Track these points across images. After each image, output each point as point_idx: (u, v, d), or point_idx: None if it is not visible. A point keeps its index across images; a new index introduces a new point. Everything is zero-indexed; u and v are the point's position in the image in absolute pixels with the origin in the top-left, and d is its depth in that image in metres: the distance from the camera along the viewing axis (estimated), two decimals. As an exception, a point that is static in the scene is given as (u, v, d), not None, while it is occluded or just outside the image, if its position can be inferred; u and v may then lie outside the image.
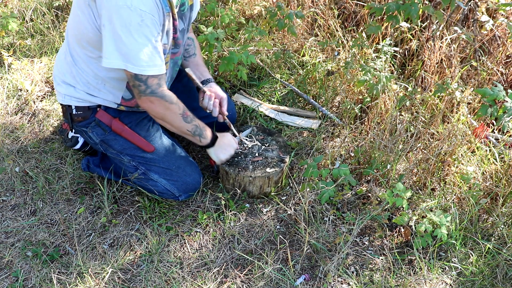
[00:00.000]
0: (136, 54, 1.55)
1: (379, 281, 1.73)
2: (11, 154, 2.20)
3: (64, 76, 1.85)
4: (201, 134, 1.84)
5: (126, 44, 1.53)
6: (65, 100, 1.88)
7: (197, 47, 2.10)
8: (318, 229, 1.90)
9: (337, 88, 2.49)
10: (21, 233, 1.89)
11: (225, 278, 1.74)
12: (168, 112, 1.74)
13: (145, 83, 1.63)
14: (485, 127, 2.13)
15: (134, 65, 1.57)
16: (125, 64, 1.57)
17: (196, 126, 1.82)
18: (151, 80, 1.63)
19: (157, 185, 1.92)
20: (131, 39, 1.52)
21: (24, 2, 3.13)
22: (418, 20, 2.33)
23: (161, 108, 1.72)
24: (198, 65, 2.08)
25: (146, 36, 1.54)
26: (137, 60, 1.56)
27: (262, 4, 2.98)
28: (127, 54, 1.55)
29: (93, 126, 1.89)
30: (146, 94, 1.66)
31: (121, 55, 1.55)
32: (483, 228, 1.89)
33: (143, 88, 1.64)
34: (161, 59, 1.62)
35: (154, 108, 1.72)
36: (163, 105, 1.71)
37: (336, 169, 1.87)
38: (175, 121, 1.78)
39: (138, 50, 1.54)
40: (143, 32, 1.52)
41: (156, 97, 1.68)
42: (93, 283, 1.70)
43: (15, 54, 2.76)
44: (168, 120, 1.77)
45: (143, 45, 1.54)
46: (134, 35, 1.52)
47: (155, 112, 1.74)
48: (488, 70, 2.42)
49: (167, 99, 1.71)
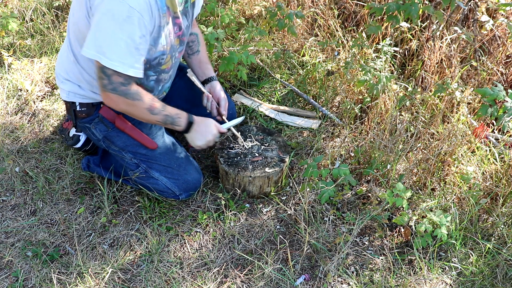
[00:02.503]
0: (110, 46, 1.52)
1: (379, 281, 1.73)
2: (11, 154, 2.20)
3: (67, 75, 1.85)
4: (173, 122, 1.79)
5: (104, 35, 1.51)
6: (69, 97, 1.89)
7: (201, 43, 2.07)
8: (318, 229, 1.90)
9: (337, 88, 2.49)
10: (21, 233, 1.89)
11: (225, 278, 1.74)
12: (132, 108, 1.70)
13: (108, 78, 1.60)
14: (485, 127, 2.13)
15: (104, 57, 1.53)
16: (99, 55, 1.53)
17: (166, 116, 1.77)
18: (116, 77, 1.59)
19: (158, 183, 1.92)
20: (111, 31, 1.50)
21: (24, 2, 3.13)
22: (418, 20, 2.33)
23: (123, 105, 1.68)
24: (201, 62, 2.06)
25: (128, 33, 1.51)
26: (109, 52, 1.53)
27: (262, 4, 2.98)
28: (102, 45, 1.52)
29: (96, 122, 1.90)
30: (108, 89, 1.62)
31: (96, 46, 1.53)
32: (483, 228, 1.89)
33: (105, 82, 1.61)
34: (138, 61, 1.58)
35: (116, 105, 1.69)
36: (126, 102, 1.67)
37: (336, 169, 1.87)
38: (141, 115, 1.74)
39: (114, 43, 1.52)
40: (125, 28, 1.50)
41: (117, 95, 1.64)
42: (93, 283, 1.70)
43: (15, 54, 2.76)
44: (133, 114, 1.75)
45: (121, 40, 1.51)
46: (115, 28, 1.49)
47: (118, 108, 1.71)
48: (488, 70, 2.42)
49: (130, 97, 1.66)
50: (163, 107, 1.77)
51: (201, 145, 1.89)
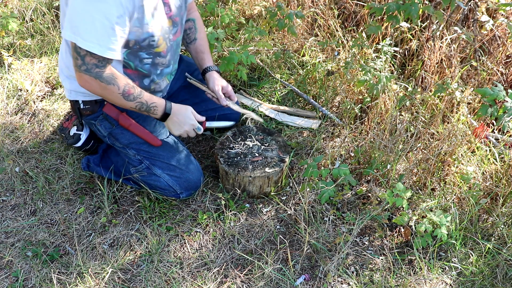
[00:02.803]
0: (85, 27, 1.50)
1: (379, 281, 1.73)
2: (11, 154, 2.20)
3: (68, 70, 1.85)
4: (149, 110, 1.78)
5: (79, 16, 1.49)
6: (71, 96, 1.89)
7: (198, 29, 2.04)
8: (318, 229, 1.90)
9: (337, 88, 2.49)
10: (21, 233, 1.89)
11: (225, 278, 1.74)
12: (105, 91, 1.67)
13: (82, 58, 1.57)
14: (485, 127, 2.13)
15: (80, 38, 1.51)
16: (75, 36, 1.51)
17: (141, 103, 1.74)
18: (89, 58, 1.57)
19: (159, 181, 1.93)
20: (86, 11, 1.48)
21: (24, 2, 3.13)
22: (418, 20, 2.33)
23: (96, 87, 1.66)
24: (198, 52, 2.04)
25: (103, 13, 1.48)
26: (85, 33, 1.50)
27: (262, 4, 2.98)
28: (77, 26, 1.50)
29: (101, 119, 1.91)
30: (81, 70, 1.60)
31: (71, 27, 1.51)
32: (483, 228, 1.89)
33: (79, 62, 1.59)
34: (113, 42, 1.55)
35: (89, 87, 1.66)
36: (99, 85, 1.64)
37: (336, 169, 1.87)
38: (115, 100, 1.72)
39: (90, 23, 1.49)
40: (101, 8, 1.47)
41: (91, 77, 1.61)
42: (93, 283, 1.70)
43: (15, 54, 2.76)
44: (106, 98, 1.73)
45: (97, 20, 1.49)
46: (91, 8, 1.47)
47: (91, 90, 1.68)
48: (488, 70, 2.42)
49: (103, 80, 1.63)
50: (140, 94, 1.73)
51: (179, 134, 1.89)
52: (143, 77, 1.83)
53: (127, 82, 1.70)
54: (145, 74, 1.82)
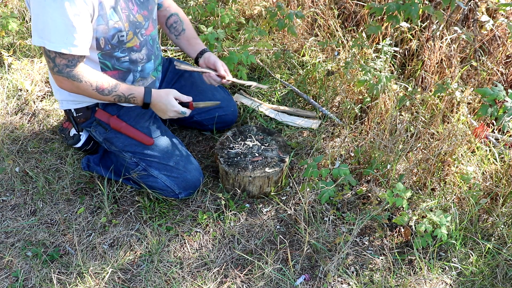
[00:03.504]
0: (49, 29, 1.53)
1: (379, 281, 1.73)
2: (11, 154, 2.20)
3: None
4: (128, 101, 1.78)
5: (41, 20, 1.52)
6: (63, 105, 1.94)
7: (184, 21, 2.06)
8: (318, 229, 1.90)
9: (337, 88, 2.49)
10: (21, 233, 1.89)
11: (225, 278, 1.74)
12: (79, 90, 1.70)
13: (53, 60, 1.61)
14: (485, 127, 2.13)
15: (45, 40, 1.54)
16: (42, 41, 1.55)
17: (118, 96, 1.75)
18: (59, 59, 1.60)
19: (157, 181, 1.93)
20: (45, 14, 1.50)
21: (24, 2, 3.13)
22: (418, 20, 2.33)
23: (71, 87, 1.69)
24: (189, 39, 2.06)
25: (61, 12, 1.51)
26: (49, 35, 1.53)
27: (262, 4, 2.98)
28: (42, 29, 1.53)
29: (95, 125, 1.94)
30: (55, 72, 1.64)
31: (37, 31, 1.54)
32: (483, 228, 1.89)
33: (51, 65, 1.62)
34: (77, 39, 1.57)
35: (65, 87, 1.69)
36: (72, 84, 1.67)
37: (336, 169, 1.87)
38: (92, 96, 1.74)
39: (51, 25, 1.52)
40: (57, 8, 1.50)
41: (63, 77, 1.65)
42: (93, 283, 1.70)
43: (15, 54, 2.76)
44: (85, 95, 1.75)
45: (57, 20, 1.51)
46: (48, 10, 1.50)
47: (67, 90, 1.72)
48: (488, 70, 2.42)
49: (75, 79, 1.65)
50: (115, 87, 1.74)
51: (164, 119, 1.92)
52: (124, 76, 1.85)
53: (100, 77, 1.71)
54: (125, 73, 1.83)
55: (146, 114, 1.97)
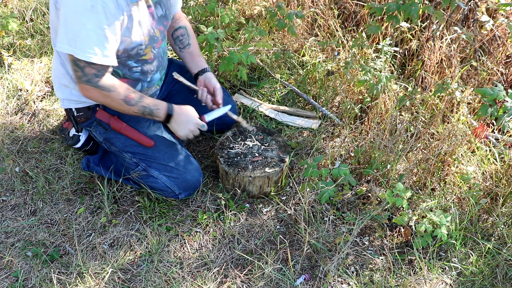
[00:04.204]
0: (81, 39, 1.54)
1: (379, 281, 1.73)
2: (11, 154, 2.20)
3: (59, 78, 1.88)
4: (151, 113, 1.81)
5: (73, 28, 1.52)
6: (64, 104, 1.94)
7: (191, 35, 2.08)
8: (318, 229, 1.90)
9: (337, 88, 2.49)
10: (21, 233, 1.89)
11: (225, 278, 1.74)
12: (107, 99, 1.72)
13: (82, 70, 1.62)
14: (485, 127, 2.13)
15: (76, 49, 1.55)
16: (72, 49, 1.55)
17: (143, 107, 1.78)
18: (89, 69, 1.61)
19: (157, 182, 1.93)
20: (78, 23, 1.51)
21: (24, 2, 3.13)
22: (418, 20, 2.33)
23: (99, 96, 1.70)
24: (193, 55, 2.07)
25: (95, 22, 1.52)
26: (81, 44, 1.55)
27: (262, 4, 2.98)
28: (73, 38, 1.54)
29: (95, 125, 1.94)
30: (83, 81, 1.65)
31: (67, 40, 1.55)
32: (483, 228, 1.89)
33: (79, 74, 1.63)
34: (109, 49, 1.59)
35: (92, 96, 1.71)
36: (101, 94, 1.69)
37: (336, 169, 1.87)
38: (117, 106, 1.76)
39: (84, 35, 1.53)
40: (91, 17, 1.51)
41: (92, 87, 1.66)
42: (93, 283, 1.70)
43: (15, 54, 2.76)
44: (109, 105, 1.77)
45: (90, 30, 1.53)
46: (82, 19, 1.51)
47: (94, 99, 1.73)
48: (488, 70, 2.42)
49: (104, 89, 1.68)
50: (140, 98, 1.77)
51: (183, 135, 1.91)
52: (132, 85, 1.87)
53: (127, 87, 1.74)
54: (134, 82, 1.85)
55: None
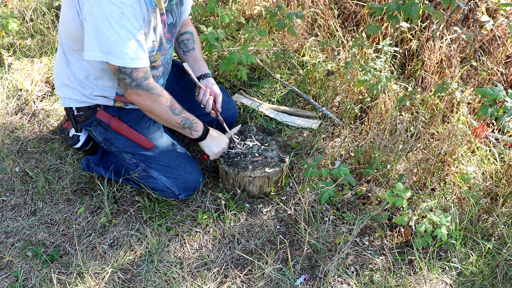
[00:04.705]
0: (119, 47, 1.54)
1: (379, 281, 1.73)
2: (11, 154, 2.20)
3: (62, 78, 1.88)
4: (191, 126, 1.84)
5: (108, 37, 1.52)
6: (65, 103, 1.93)
7: (196, 41, 2.09)
8: (318, 229, 1.90)
9: (337, 88, 2.49)
10: (21, 233, 1.89)
11: (225, 278, 1.74)
12: (155, 104, 1.73)
13: (130, 76, 1.62)
14: (485, 127, 2.13)
15: (117, 58, 1.56)
16: (107, 56, 1.56)
17: (185, 119, 1.81)
18: (136, 73, 1.62)
19: (157, 183, 1.93)
20: (112, 31, 1.51)
21: (24, 2, 3.13)
22: (418, 20, 2.33)
23: (148, 101, 1.71)
24: (197, 59, 2.08)
25: (128, 29, 1.53)
26: (120, 53, 1.55)
27: (262, 4, 2.98)
28: (108, 46, 1.54)
29: (95, 125, 1.93)
30: (132, 87, 1.66)
31: (101, 48, 1.54)
32: (483, 228, 1.89)
33: (128, 81, 1.64)
34: (144, 51, 1.61)
35: (141, 101, 1.71)
36: (150, 98, 1.70)
37: (336, 169, 1.87)
38: (163, 113, 1.76)
39: (121, 43, 1.53)
40: (124, 24, 1.52)
41: (142, 90, 1.67)
42: (93, 283, 1.70)
43: (15, 54, 2.76)
44: (156, 112, 1.76)
45: (126, 37, 1.53)
46: (116, 28, 1.51)
47: (143, 105, 1.73)
48: (488, 70, 2.42)
49: (154, 92, 1.70)
50: (182, 109, 1.81)
51: (218, 152, 1.93)
52: None
53: (170, 95, 1.76)
54: None
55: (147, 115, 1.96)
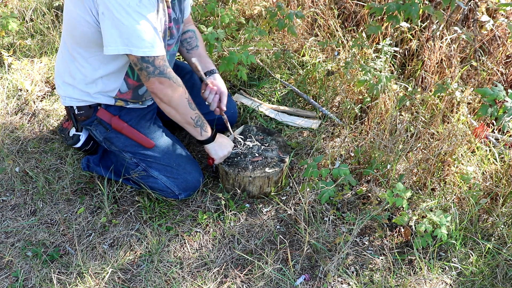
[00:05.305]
0: (139, 36, 1.54)
1: (379, 281, 1.73)
2: (11, 154, 2.20)
3: (63, 76, 1.88)
4: (202, 125, 1.84)
5: (128, 27, 1.52)
6: (66, 102, 1.93)
7: (199, 38, 2.09)
8: (318, 229, 1.90)
9: (337, 88, 2.49)
10: (21, 233, 1.89)
11: (225, 278, 1.74)
12: (176, 94, 1.72)
13: (152, 64, 1.62)
14: (485, 127, 2.13)
15: (139, 48, 1.56)
16: (129, 48, 1.55)
17: (199, 116, 1.82)
18: (158, 61, 1.63)
19: (157, 182, 1.93)
20: (132, 21, 1.51)
21: (24, 2, 3.13)
22: (418, 20, 2.33)
23: (169, 90, 1.70)
24: (201, 56, 2.08)
25: (146, 17, 1.53)
26: (141, 42, 1.55)
27: (262, 4, 2.98)
28: (129, 37, 1.53)
29: (95, 124, 1.93)
30: (155, 75, 1.65)
31: (123, 40, 1.54)
32: (483, 228, 1.89)
33: (151, 69, 1.63)
34: (160, 40, 1.62)
35: (163, 89, 1.70)
36: (172, 86, 1.70)
37: (336, 169, 1.87)
38: (181, 105, 1.75)
39: (141, 31, 1.53)
40: (141, 13, 1.52)
41: (165, 78, 1.67)
42: (93, 283, 1.70)
43: (15, 54, 2.76)
44: (174, 103, 1.75)
45: (145, 26, 1.54)
46: (134, 17, 1.51)
47: (163, 93, 1.71)
48: (488, 70, 2.42)
49: (175, 81, 1.71)
50: (196, 106, 1.81)
51: (223, 156, 1.93)
52: (140, 86, 1.87)
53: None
54: (142, 84, 1.85)
55: (148, 115, 1.97)
